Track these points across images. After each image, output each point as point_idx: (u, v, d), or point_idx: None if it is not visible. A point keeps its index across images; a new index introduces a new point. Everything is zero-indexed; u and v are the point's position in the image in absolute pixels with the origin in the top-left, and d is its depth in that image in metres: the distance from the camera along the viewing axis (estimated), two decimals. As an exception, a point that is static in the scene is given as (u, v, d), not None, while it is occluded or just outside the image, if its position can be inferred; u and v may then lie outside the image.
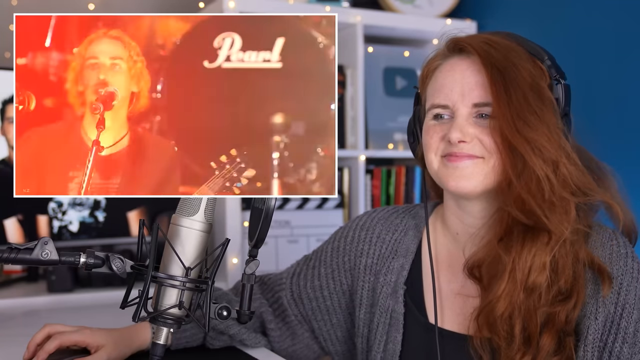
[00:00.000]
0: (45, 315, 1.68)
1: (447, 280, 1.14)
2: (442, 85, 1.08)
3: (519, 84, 1.02)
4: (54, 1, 2.14)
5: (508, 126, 1.00)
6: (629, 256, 1.05)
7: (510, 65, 1.03)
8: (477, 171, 1.04)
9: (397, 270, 1.18)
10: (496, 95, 1.02)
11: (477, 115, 1.05)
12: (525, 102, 1.01)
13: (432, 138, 1.08)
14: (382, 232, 1.23)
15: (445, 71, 1.09)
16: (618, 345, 1.02)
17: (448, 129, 1.06)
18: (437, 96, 1.08)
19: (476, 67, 1.06)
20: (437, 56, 1.13)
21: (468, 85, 1.05)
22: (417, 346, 1.14)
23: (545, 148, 1.00)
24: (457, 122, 1.05)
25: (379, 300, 1.17)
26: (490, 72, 1.03)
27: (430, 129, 1.10)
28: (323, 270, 1.26)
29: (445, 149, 1.07)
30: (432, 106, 1.09)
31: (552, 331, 1.02)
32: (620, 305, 1.02)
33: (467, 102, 1.05)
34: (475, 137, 1.04)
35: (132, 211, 2.06)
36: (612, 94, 1.91)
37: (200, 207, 0.95)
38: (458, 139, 1.04)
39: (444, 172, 1.07)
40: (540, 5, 2.16)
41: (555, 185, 1.00)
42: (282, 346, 1.29)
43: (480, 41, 1.07)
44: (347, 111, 2.23)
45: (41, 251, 0.92)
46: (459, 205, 1.12)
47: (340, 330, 1.27)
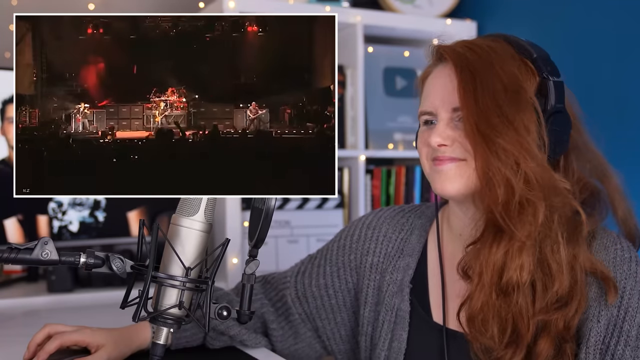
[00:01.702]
0: (45, 315, 1.68)
1: (451, 280, 1.15)
2: (428, 92, 1.11)
3: (490, 86, 1.02)
4: (54, 1, 2.14)
5: (471, 129, 1.02)
6: (632, 260, 1.06)
7: (485, 67, 1.04)
8: (460, 173, 1.06)
9: (403, 269, 1.18)
10: (463, 99, 1.03)
11: (458, 119, 1.06)
12: (494, 104, 1.01)
13: (422, 143, 1.11)
14: (388, 231, 1.23)
15: (431, 79, 1.12)
16: (620, 349, 1.02)
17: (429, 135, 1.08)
18: (423, 104, 1.12)
19: (453, 72, 1.06)
20: (429, 65, 1.16)
21: (447, 91, 1.07)
22: (422, 345, 1.14)
23: (508, 151, 0.99)
24: (437, 127, 1.07)
25: (384, 299, 1.18)
26: (460, 76, 1.04)
27: (420, 135, 1.13)
28: (328, 268, 1.27)
29: (432, 153, 1.09)
30: (420, 113, 1.12)
31: (549, 337, 1.02)
32: (624, 308, 1.03)
33: (447, 107, 1.07)
34: (455, 140, 1.05)
35: (132, 211, 2.06)
36: (613, 93, 1.91)
37: (200, 207, 0.95)
38: (437, 143, 1.06)
39: (431, 175, 1.10)
40: (540, 5, 2.16)
41: (516, 187, 0.98)
42: (284, 345, 1.29)
43: (459, 46, 1.08)
44: (347, 111, 2.23)
45: (41, 251, 0.92)
46: (459, 207, 1.13)
47: (344, 329, 1.28)
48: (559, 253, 1.02)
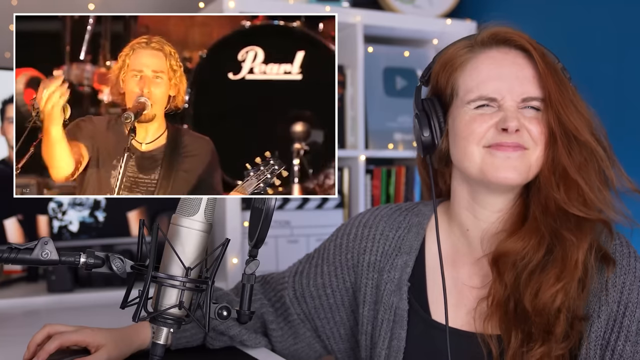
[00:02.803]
0: (45, 315, 1.68)
1: (450, 277, 1.14)
2: (489, 77, 1.08)
3: (564, 80, 1.07)
4: (54, 1, 2.14)
5: (567, 116, 1.04)
6: (631, 256, 1.06)
7: (554, 62, 1.08)
8: (524, 162, 1.05)
9: (400, 267, 1.18)
10: (551, 89, 1.05)
11: (524, 107, 1.07)
12: (573, 95, 1.07)
13: (481, 126, 1.07)
14: (385, 229, 1.23)
15: (487, 63, 1.09)
16: (620, 344, 1.03)
17: (499, 118, 1.06)
18: (483, 88, 1.07)
19: (520, 61, 1.08)
20: (466, 47, 1.13)
21: (517, 80, 1.06)
22: (421, 343, 1.14)
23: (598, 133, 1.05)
24: (511, 112, 1.05)
25: (382, 297, 1.18)
26: (543, 66, 1.06)
27: (477, 117, 1.07)
28: (326, 268, 1.27)
29: (494, 138, 1.06)
30: (478, 98, 1.08)
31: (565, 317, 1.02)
32: (623, 304, 1.03)
33: (517, 96, 1.06)
34: (525, 127, 1.05)
35: (132, 211, 2.06)
36: (613, 93, 1.91)
37: (200, 207, 0.95)
38: (516, 127, 1.04)
39: (491, 161, 1.06)
40: (540, 5, 2.16)
41: (607, 166, 1.05)
42: (284, 346, 1.29)
43: (521, 35, 1.10)
44: (347, 111, 2.23)
45: (41, 251, 0.92)
46: (476, 200, 1.12)
47: (343, 328, 1.27)
48: None
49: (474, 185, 1.11)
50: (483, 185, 1.09)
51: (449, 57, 1.13)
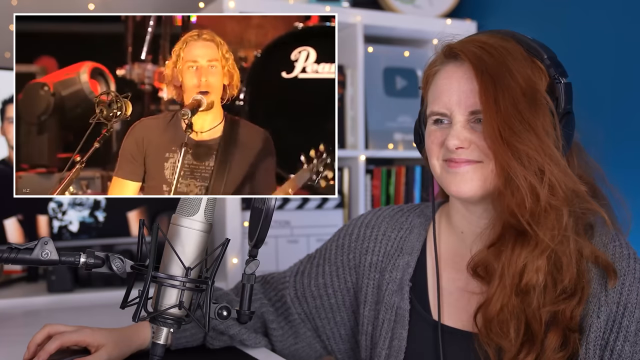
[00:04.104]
0: (45, 315, 1.68)
1: (451, 278, 1.15)
2: (440, 92, 1.09)
3: (510, 91, 1.02)
4: (54, 1, 2.14)
5: (494, 135, 1.01)
6: (631, 257, 1.07)
7: (504, 71, 1.03)
8: (477, 175, 1.05)
9: (402, 268, 1.19)
10: (485, 104, 1.02)
11: (474, 121, 1.06)
12: (515, 109, 1.01)
13: (433, 143, 1.10)
14: (387, 229, 1.23)
15: (442, 78, 1.09)
16: (619, 344, 1.03)
17: (447, 135, 1.07)
18: (435, 103, 1.09)
19: (471, 74, 1.05)
20: (436, 61, 1.14)
21: (464, 93, 1.06)
22: (422, 343, 1.14)
23: (532, 158, 0.99)
24: (454, 130, 1.06)
25: (384, 298, 1.18)
26: (481, 79, 1.03)
27: (431, 133, 1.11)
28: (327, 268, 1.27)
29: (445, 154, 1.08)
30: (431, 113, 1.10)
31: (557, 329, 1.03)
32: (623, 304, 1.04)
33: (463, 110, 1.06)
34: (472, 142, 1.05)
35: (132, 211, 2.06)
36: (613, 93, 1.91)
37: (200, 207, 0.95)
38: (455, 146, 1.05)
39: (445, 177, 1.08)
40: (540, 5, 2.16)
41: (541, 194, 0.99)
42: (284, 345, 1.29)
43: (474, 46, 1.06)
44: (347, 111, 2.23)
45: (41, 251, 0.92)
46: (464, 206, 1.13)
47: (343, 329, 1.28)
48: (569, 247, 1.03)
49: None
50: None
51: (425, 70, 1.16)
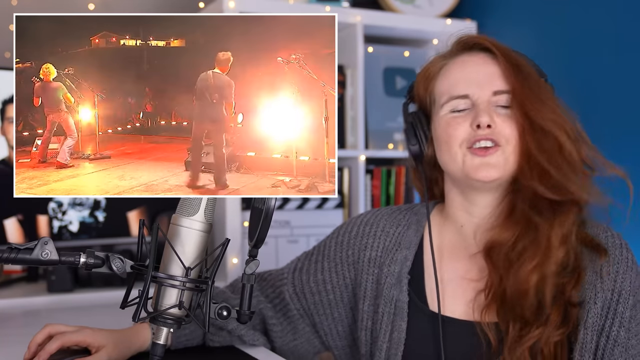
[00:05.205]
0: (45, 315, 1.68)
1: (449, 269, 1.18)
2: (458, 78, 1.15)
3: (532, 75, 1.13)
4: (54, 1, 2.14)
5: (532, 107, 1.09)
6: (623, 247, 1.12)
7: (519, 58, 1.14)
8: (500, 160, 1.11)
9: (400, 262, 1.21)
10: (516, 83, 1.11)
11: (496, 104, 1.12)
12: (538, 88, 1.12)
13: (457, 129, 1.13)
14: (386, 226, 1.26)
15: (455, 67, 1.17)
16: (615, 330, 1.07)
17: (473, 117, 1.11)
18: (454, 89, 1.14)
19: (488, 60, 1.14)
20: (439, 57, 1.21)
21: (486, 76, 1.13)
22: (421, 334, 1.16)
23: (563, 122, 1.10)
24: (481, 108, 1.11)
25: (383, 291, 1.20)
26: (505, 63, 1.12)
27: (450, 122, 1.14)
28: (326, 264, 1.29)
29: (471, 137, 1.11)
30: (450, 98, 1.15)
31: (559, 305, 1.07)
32: (617, 292, 1.08)
33: (487, 91, 1.12)
34: (497, 123, 1.11)
35: (132, 211, 2.06)
36: (612, 93, 1.92)
37: (200, 207, 0.95)
38: (487, 123, 1.09)
39: (470, 164, 1.12)
40: (540, 5, 2.16)
41: (574, 152, 1.08)
42: (284, 341, 1.31)
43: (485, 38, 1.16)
44: (347, 111, 2.23)
45: (41, 251, 0.92)
46: (467, 199, 1.18)
47: (341, 325, 1.29)
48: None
49: (463, 186, 1.17)
50: (469, 184, 1.15)
51: (425, 69, 1.22)
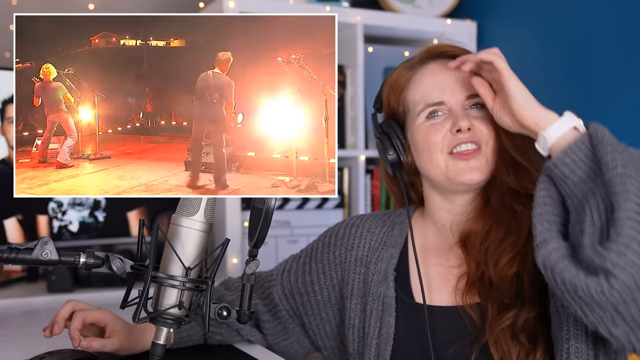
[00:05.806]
0: (45, 315, 1.68)
1: (433, 264, 1.21)
2: (430, 86, 1.17)
3: None
4: (54, 1, 2.14)
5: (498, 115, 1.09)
6: None
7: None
8: (483, 162, 1.13)
9: (386, 259, 1.24)
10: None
11: (469, 107, 1.14)
12: None
13: (437, 136, 1.14)
14: (371, 227, 1.29)
15: (426, 75, 1.19)
16: None
17: (452, 123, 1.13)
18: (428, 97, 1.16)
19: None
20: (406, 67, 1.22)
21: (457, 82, 1.14)
22: (409, 327, 1.18)
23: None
24: (458, 113, 1.13)
25: (370, 289, 1.22)
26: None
27: (430, 128, 1.16)
28: (314, 265, 1.31)
29: (451, 142, 1.13)
30: (426, 106, 1.16)
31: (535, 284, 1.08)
32: None
33: (460, 96, 1.14)
34: (476, 126, 1.13)
35: (132, 211, 2.06)
36: (611, 93, 1.92)
37: (200, 207, 0.95)
38: (467, 126, 1.11)
39: (454, 169, 1.14)
40: (540, 5, 2.16)
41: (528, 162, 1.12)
42: (275, 340, 1.33)
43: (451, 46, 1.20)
44: (347, 111, 2.23)
45: (41, 251, 0.93)
46: (447, 200, 1.21)
47: (329, 325, 1.31)
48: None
49: (443, 190, 1.20)
50: (450, 188, 1.18)
51: (394, 79, 1.23)
